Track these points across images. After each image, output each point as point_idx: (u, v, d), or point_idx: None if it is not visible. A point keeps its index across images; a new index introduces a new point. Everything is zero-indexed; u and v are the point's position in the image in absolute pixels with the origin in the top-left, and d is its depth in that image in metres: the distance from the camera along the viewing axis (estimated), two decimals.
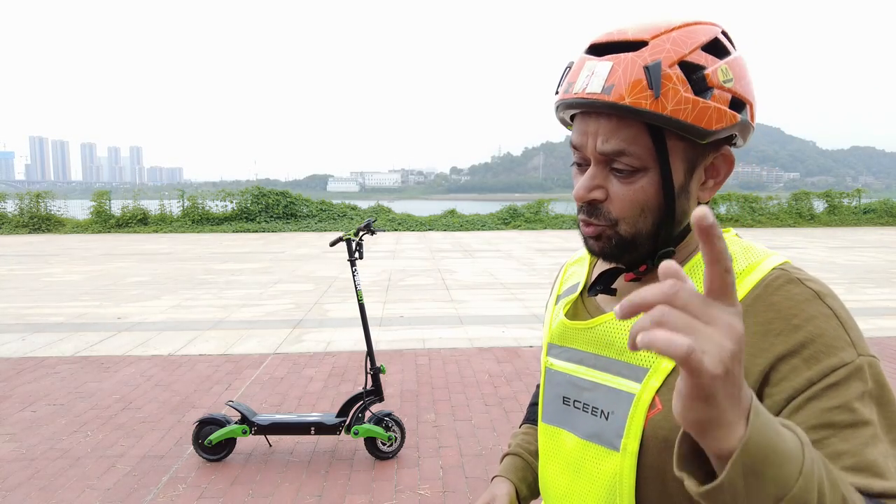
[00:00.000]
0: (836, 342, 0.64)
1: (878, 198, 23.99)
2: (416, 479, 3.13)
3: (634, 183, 0.71)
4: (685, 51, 0.68)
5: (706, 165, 0.74)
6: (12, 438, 3.60)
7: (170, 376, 4.77)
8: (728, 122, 0.69)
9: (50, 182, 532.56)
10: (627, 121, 0.69)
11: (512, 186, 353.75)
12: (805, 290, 0.67)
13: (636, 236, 0.73)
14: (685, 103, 0.67)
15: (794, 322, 0.65)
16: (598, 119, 0.71)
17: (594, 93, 0.69)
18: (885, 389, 0.63)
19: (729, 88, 0.69)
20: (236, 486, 3.03)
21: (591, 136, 0.72)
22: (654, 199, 0.72)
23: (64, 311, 7.30)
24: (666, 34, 0.69)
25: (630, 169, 0.70)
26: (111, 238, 17.68)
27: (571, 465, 0.80)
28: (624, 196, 0.72)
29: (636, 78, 0.67)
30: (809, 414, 0.61)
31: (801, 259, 12.26)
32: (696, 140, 0.70)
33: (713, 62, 0.69)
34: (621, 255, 0.76)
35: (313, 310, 7.35)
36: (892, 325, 6.49)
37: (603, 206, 0.73)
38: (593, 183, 0.73)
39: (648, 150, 0.70)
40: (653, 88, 0.66)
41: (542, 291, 8.56)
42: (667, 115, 0.67)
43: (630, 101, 0.67)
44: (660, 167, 0.70)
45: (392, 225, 20.96)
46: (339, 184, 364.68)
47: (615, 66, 0.68)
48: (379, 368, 3.35)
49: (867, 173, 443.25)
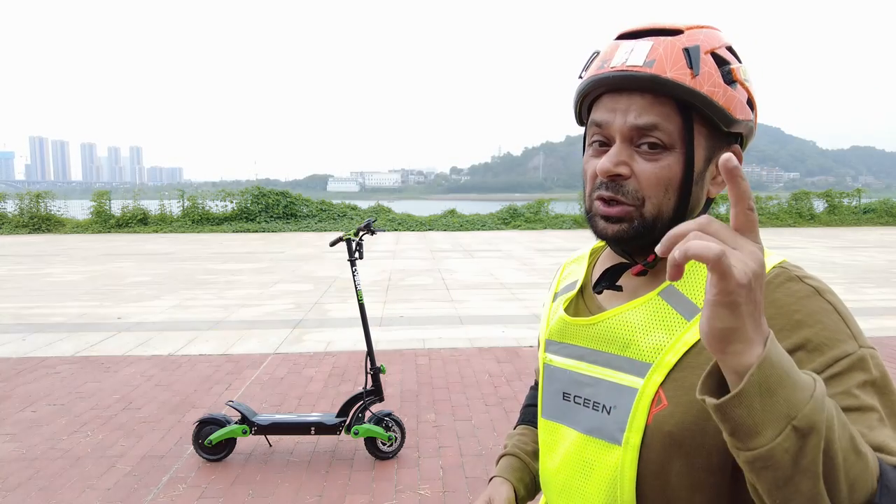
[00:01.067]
0: (838, 335, 0.66)
1: (878, 198, 23.98)
2: (416, 479, 3.13)
3: (660, 161, 0.72)
4: (716, 45, 0.74)
5: (717, 160, 0.76)
6: (12, 438, 3.60)
7: (170, 376, 4.77)
8: (746, 117, 0.75)
9: (50, 182, 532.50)
10: (661, 98, 0.72)
11: (512, 186, 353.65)
12: (805, 287, 0.69)
13: (657, 218, 0.74)
14: (718, 86, 0.71)
15: (797, 318, 0.67)
16: (630, 96, 0.73)
17: (635, 65, 0.72)
18: (887, 379, 0.65)
19: (747, 88, 0.75)
20: (236, 486, 3.03)
21: (620, 112, 0.73)
22: (678, 179, 0.73)
23: (64, 311, 7.30)
24: (698, 29, 0.75)
25: (660, 145, 0.72)
26: (111, 238, 17.68)
27: (572, 460, 0.81)
28: (651, 173, 0.73)
29: (676, 56, 0.71)
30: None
31: (802, 259, 12.26)
32: (721, 126, 0.73)
33: (736, 62, 0.75)
34: (636, 240, 0.75)
35: (313, 310, 7.35)
36: (892, 324, 6.49)
37: (627, 184, 0.74)
38: (620, 158, 0.73)
39: (678, 128, 0.72)
40: (692, 68, 0.70)
41: (542, 291, 8.56)
42: (703, 94, 0.70)
43: (671, 76, 0.70)
44: (685, 147, 0.73)
45: (392, 225, 20.96)
46: (339, 184, 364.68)
47: (655, 45, 0.72)
48: (379, 368, 3.35)
49: (867, 173, 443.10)
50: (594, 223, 0.78)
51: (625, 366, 0.75)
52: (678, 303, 0.74)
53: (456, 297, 8.12)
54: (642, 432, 0.72)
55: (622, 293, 0.81)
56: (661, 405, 0.71)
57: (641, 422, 0.72)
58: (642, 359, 0.74)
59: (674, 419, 0.70)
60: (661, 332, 0.73)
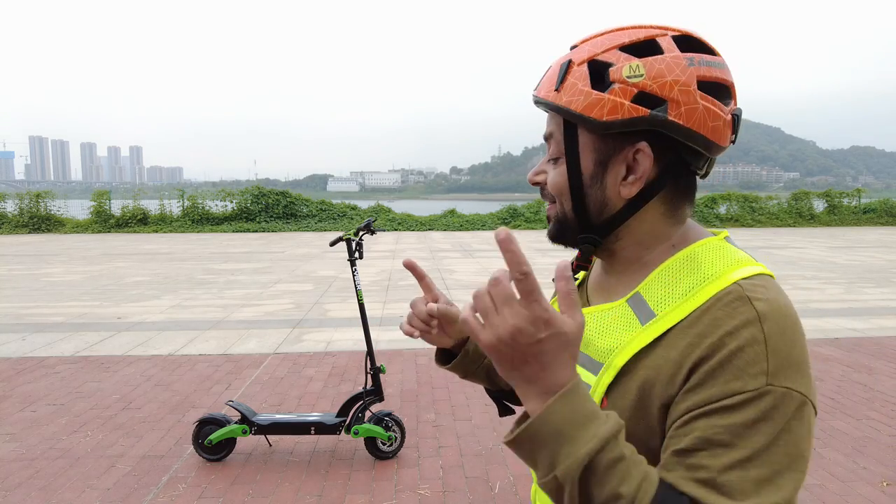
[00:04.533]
0: (749, 368, 0.63)
1: (878, 198, 23.98)
2: (416, 478, 3.13)
3: (556, 168, 0.81)
4: (599, 51, 0.75)
5: (627, 161, 0.75)
6: (12, 438, 3.60)
7: (170, 376, 4.77)
8: (625, 115, 0.72)
9: (50, 182, 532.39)
10: (553, 113, 0.79)
11: (512, 186, 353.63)
12: (748, 311, 0.66)
13: (567, 218, 0.81)
14: (578, 94, 0.74)
15: (722, 340, 0.65)
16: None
17: (536, 87, 0.82)
18: (786, 424, 0.62)
19: (635, 83, 0.72)
20: (236, 486, 3.03)
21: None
22: (567, 185, 0.79)
23: (64, 311, 7.30)
24: (596, 38, 0.77)
25: (555, 155, 0.80)
26: (111, 238, 17.68)
27: None
28: (551, 180, 0.81)
29: (555, 75, 0.77)
30: (698, 426, 0.63)
31: (801, 259, 12.27)
32: (596, 130, 0.75)
33: (626, 60, 0.73)
34: (559, 235, 0.84)
35: (313, 310, 7.35)
36: (892, 324, 6.50)
37: (545, 190, 0.83)
38: (540, 168, 0.84)
39: (563, 138, 0.78)
40: (558, 82, 0.76)
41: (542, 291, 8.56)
42: (559, 105, 0.75)
43: (542, 95, 0.78)
44: (567, 155, 0.78)
45: (392, 225, 20.96)
46: (339, 184, 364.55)
47: (554, 65, 0.79)
48: (379, 368, 3.35)
49: (867, 173, 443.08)
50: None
51: (587, 363, 0.79)
52: (640, 309, 0.75)
53: (456, 297, 8.12)
54: None
55: (609, 293, 0.84)
56: (603, 405, 0.74)
57: None
58: (598, 358, 0.76)
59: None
60: (617, 335, 0.75)
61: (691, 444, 0.63)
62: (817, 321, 6.60)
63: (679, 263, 0.75)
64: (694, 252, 0.75)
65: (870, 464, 3.23)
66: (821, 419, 3.83)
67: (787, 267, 11.04)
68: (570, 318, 0.59)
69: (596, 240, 0.80)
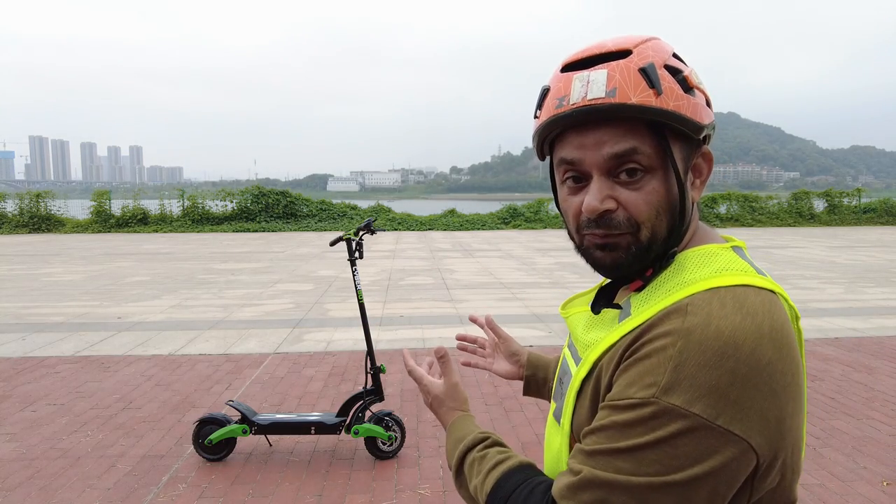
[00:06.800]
0: (646, 378, 0.64)
1: (878, 197, 23.99)
2: (417, 478, 3.13)
3: (644, 186, 0.71)
4: (665, 56, 0.73)
5: (693, 165, 0.77)
6: (12, 438, 3.60)
7: (170, 376, 4.77)
8: (710, 118, 0.75)
9: (50, 182, 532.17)
10: (632, 123, 0.70)
11: (512, 186, 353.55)
12: (688, 323, 0.64)
13: (652, 241, 0.73)
14: (682, 99, 0.71)
15: (643, 343, 0.67)
16: (598, 128, 0.71)
17: (597, 97, 0.70)
18: (669, 438, 0.61)
19: (702, 90, 0.75)
20: (236, 486, 3.03)
21: (591, 146, 0.72)
22: (667, 199, 0.72)
23: (64, 311, 7.30)
24: (644, 44, 0.73)
25: (640, 169, 0.71)
26: (111, 238, 17.68)
27: (547, 434, 0.89)
28: (640, 201, 0.71)
29: (635, 79, 0.69)
30: (598, 416, 0.69)
31: (802, 259, 12.27)
32: (692, 135, 0.73)
33: (686, 68, 0.75)
34: (634, 265, 0.74)
35: (313, 309, 7.35)
36: (892, 324, 6.49)
37: (615, 216, 0.72)
38: (603, 193, 0.72)
39: (655, 149, 0.71)
40: (654, 87, 0.69)
41: (542, 291, 8.56)
42: (671, 110, 0.70)
43: (636, 101, 0.69)
44: (669, 165, 0.72)
45: (392, 225, 20.97)
46: (339, 183, 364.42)
47: (611, 73, 0.70)
48: (379, 368, 3.35)
49: (867, 173, 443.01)
50: (589, 255, 0.77)
51: (575, 355, 0.83)
52: (626, 309, 0.76)
53: (456, 297, 8.12)
54: (570, 419, 0.78)
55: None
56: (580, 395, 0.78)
57: (570, 408, 0.78)
58: (580, 353, 0.79)
59: (577, 415, 0.77)
60: (597, 332, 0.78)
61: (590, 428, 0.69)
62: (817, 321, 6.60)
63: (671, 267, 0.75)
64: (686, 256, 0.75)
65: (870, 463, 3.23)
66: (821, 419, 3.83)
67: (787, 267, 11.04)
68: (442, 384, 1.01)
69: (675, 252, 0.76)
